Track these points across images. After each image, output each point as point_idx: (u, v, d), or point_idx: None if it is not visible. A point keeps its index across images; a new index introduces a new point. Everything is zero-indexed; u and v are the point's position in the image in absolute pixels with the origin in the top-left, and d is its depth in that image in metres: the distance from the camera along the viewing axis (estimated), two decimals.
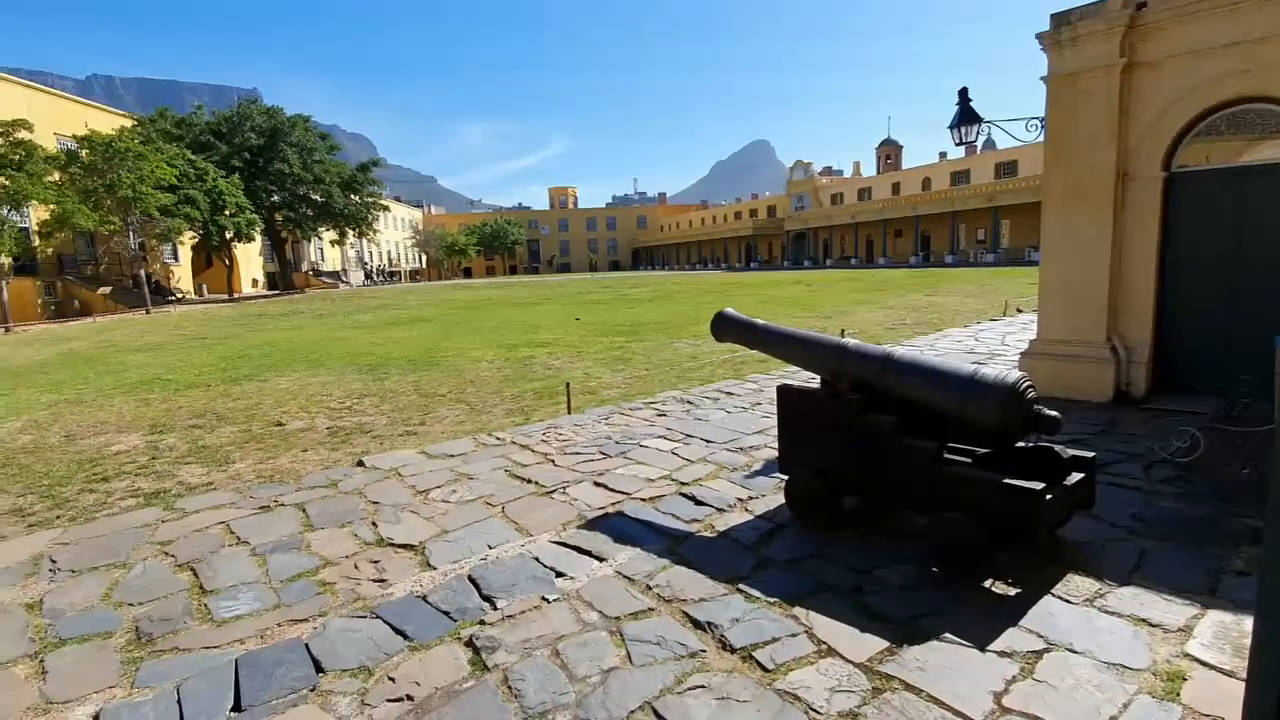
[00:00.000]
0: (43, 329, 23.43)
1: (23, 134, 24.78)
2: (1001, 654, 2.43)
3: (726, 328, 4.34)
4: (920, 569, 3.06)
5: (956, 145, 7.61)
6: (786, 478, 3.83)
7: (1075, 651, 2.42)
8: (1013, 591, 2.87)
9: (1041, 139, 6.49)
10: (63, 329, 22.79)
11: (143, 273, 30.97)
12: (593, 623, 2.74)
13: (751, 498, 4.08)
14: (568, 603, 2.91)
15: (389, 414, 6.96)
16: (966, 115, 7.16)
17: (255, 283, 49.25)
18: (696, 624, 2.70)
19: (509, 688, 2.34)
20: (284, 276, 47.74)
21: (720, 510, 3.91)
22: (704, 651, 2.52)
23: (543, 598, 2.95)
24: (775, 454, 4.70)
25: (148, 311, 28.08)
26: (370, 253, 70.96)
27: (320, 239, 54.72)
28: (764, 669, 2.40)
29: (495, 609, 2.88)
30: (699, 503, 4.03)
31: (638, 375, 8.64)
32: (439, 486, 4.48)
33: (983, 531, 2.86)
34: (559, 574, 3.17)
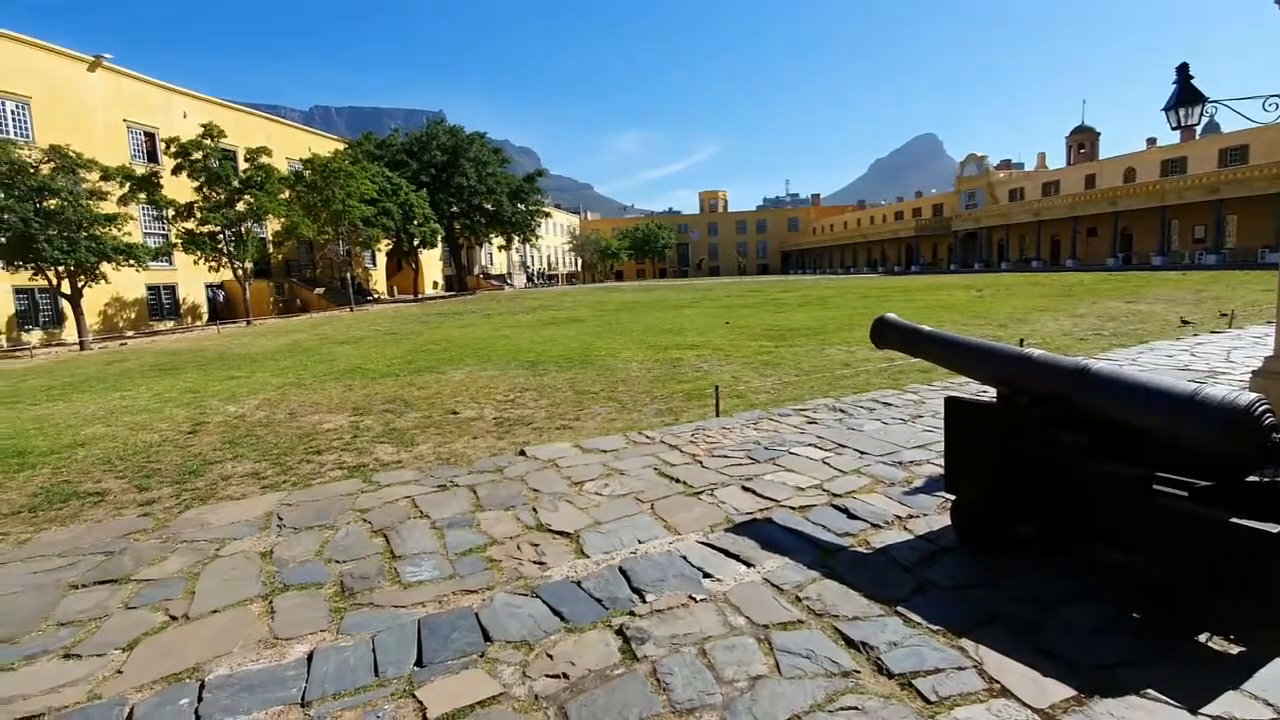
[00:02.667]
0: (274, 323, 27.83)
1: (264, 159, 29.56)
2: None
3: (887, 334, 4.11)
4: (1112, 611, 2.69)
5: (1174, 129, 6.57)
6: (953, 497, 3.55)
7: None
8: (1234, 649, 2.43)
9: None
10: (288, 323, 26.91)
11: (348, 276, 35.68)
12: (740, 627, 2.73)
13: (911, 515, 3.82)
14: (715, 604, 2.92)
15: (547, 408, 7.41)
16: (1187, 94, 6.15)
17: (435, 284, 54.74)
18: (850, 642, 2.59)
19: (657, 680, 2.41)
20: (459, 279, 52.62)
21: (876, 526, 3.71)
22: (858, 672, 2.42)
23: (690, 596, 2.99)
24: (939, 471, 4.39)
25: (351, 309, 32.33)
26: (532, 257, 76.02)
27: (490, 244, 59.56)
28: (925, 700, 2.25)
29: (644, 602, 2.96)
30: (852, 516, 3.86)
31: (787, 381, 8.44)
32: (592, 479, 4.70)
33: (1197, 577, 2.46)
34: (706, 575, 3.20)
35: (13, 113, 26.02)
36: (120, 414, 8.32)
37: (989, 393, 3.52)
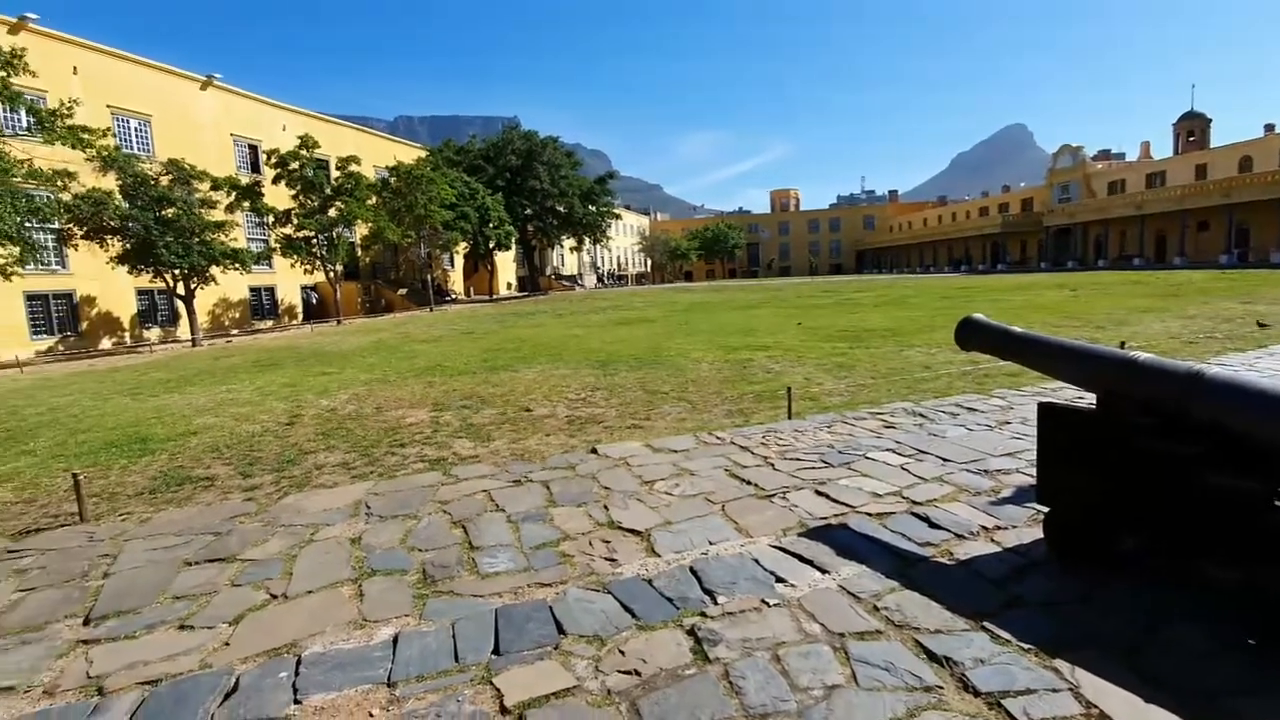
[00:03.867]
0: (361, 322, 29.37)
1: (354, 167, 31.26)
2: None
3: (973, 335, 3.91)
4: (1224, 634, 2.47)
5: None
6: (1046, 510, 3.34)
7: None
8: None
9: None
10: (373, 322, 28.33)
11: (428, 277, 37.24)
12: (815, 634, 2.67)
13: (999, 527, 3.63)
14: (788, 610, 2.87)
15: (618, 407, 7.48)
16: None
17: (509, 285, 56.33)
18: (932, 656, 2.49)
19: (730, 683, 2.39)
20: (532, 280, 53.93)
21: (959, 536, 3.54)
22: (940, 688, 2.32)
23: (763, 600, 2.95)
24: (1029, 481, 4.16)
25: (431, 309, 33.71)
26: (602, 257, 76.99)
27: (562, 246, 60.72)
28: None
29: (716, 603, 2.95)
30: (934, 525, 3.70)
31: (862, 383, 8.19)
32: (663, 479, 4.71)
33: None
34: (779, 579, 3.15)
35: (136, 130, 28.62)
36: (227, 406, 9.00)
37: (1086, 398, 3.29)
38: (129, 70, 28.58)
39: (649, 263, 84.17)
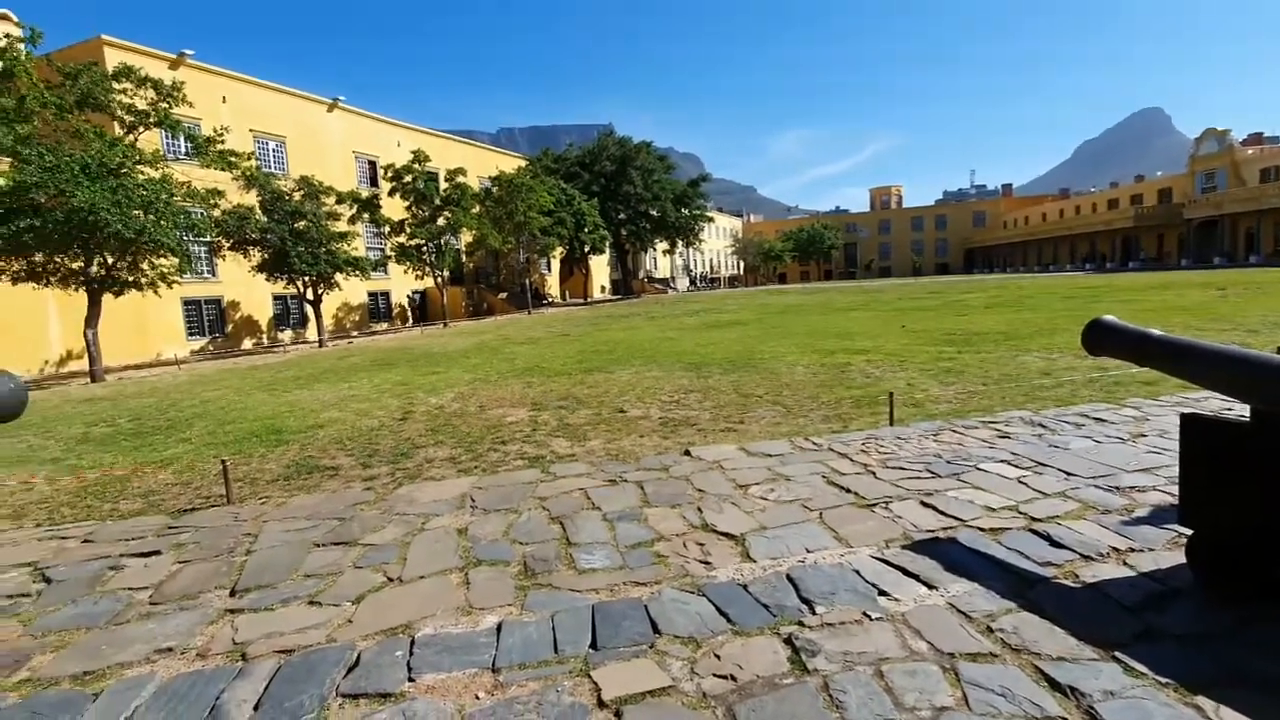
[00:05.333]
0: (465, 325, 30.92)
1: (460, 179, 33.01)
2: None
3: (1104, 339, 3.58)
4: None
5: None
6: (1189, 532, 3.01)
7: None
8: None
9: None
10: (476, 325, 29.76)
11: (527, 281, 38.67)
12: (921, 653, 2.55)
13: (1132, 549, 3.31)
14: (892, 625, 2.76)
15: (711, 410, 7.45)
16: None
17: (603, 289, 57.45)
18: (1054, 685, 2.31)
19: (829, 696, 2.32)
20: (625, 283, 54.72)
21: (1086, 558, 3.26)
22: (1065, 719, 2.15)
23: (864, 613, 2.85)
24: (1168, 499, 3.78)
25: (529, 312, 34.98)
26: (694, 260, 76.92)
27: (654, 249, 61.22)
28: None
29: (814, 613, 2.87)
30: (1056, 544, 3.42)
31: (973, 390, 7.71)
32: (757, 483, 4.65)
33: None
34: (881, 592, 3.02)
35: (273, 150, 31.63)
36: (348, 401, 9.76)
37: (1236, 409, 2.93)
38: (268, 97, 31.65)
39: (741, 265, 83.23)
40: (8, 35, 16.53)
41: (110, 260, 17.27)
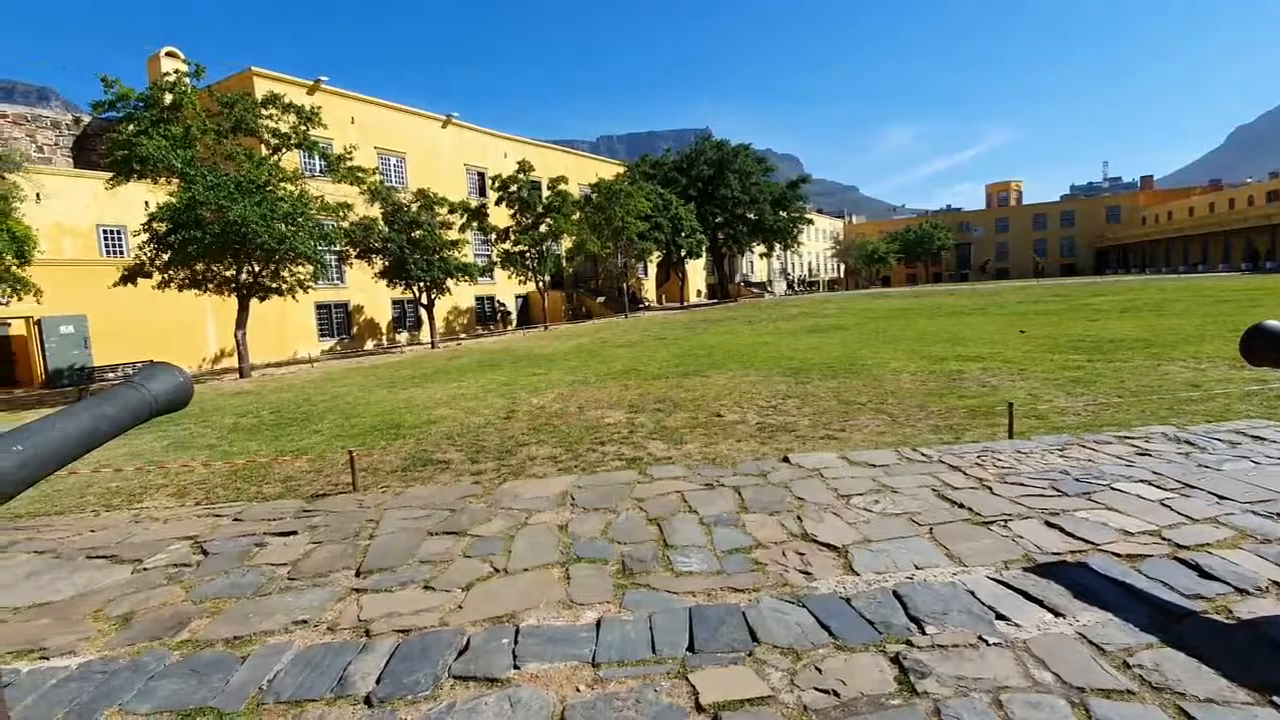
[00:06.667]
0: (565, 328, 31.86)
1: (562, 186, 34.12)
2: None
3: (1268, 346, 3.17)
4: None
5: None
6: None
7: None
8: None
9: None
10: (575, 328, 30.57)
11: (624, 285, 39.31)
12: (1046, 684, 2.36)
13: None
14: (1011, 651, 2.57)
15: (810, 416, 7.26)
16: None
17: (699, 292, 57.33)
18: None
19: None
20: (721, 287, 54.36)
21: (1241, 591, 2.90)
22: None
23: (980, 637, 2.67)
24: None
25: (625, 316, 35.53)
26: (792, 263, 75.15)
27: (751, 252, 60.39)
28: None
29: (924, 633, 2.73)
30: (1206, 575, 3.07)
31: (1105, 402, 7.04)
32: (860, 494, 4.48)
33: None
34: (1000, 616, 2.83)
35: (394, 166, 34.04)
36: (458, 399, 10.32)
37: None
38: (390, 116, 34.14)
39: (842, 268, 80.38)
40: (176, 70, 18.84)
41: (256, 268, 19.23)
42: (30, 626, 3.35)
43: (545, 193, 35.33)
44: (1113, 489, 4.27)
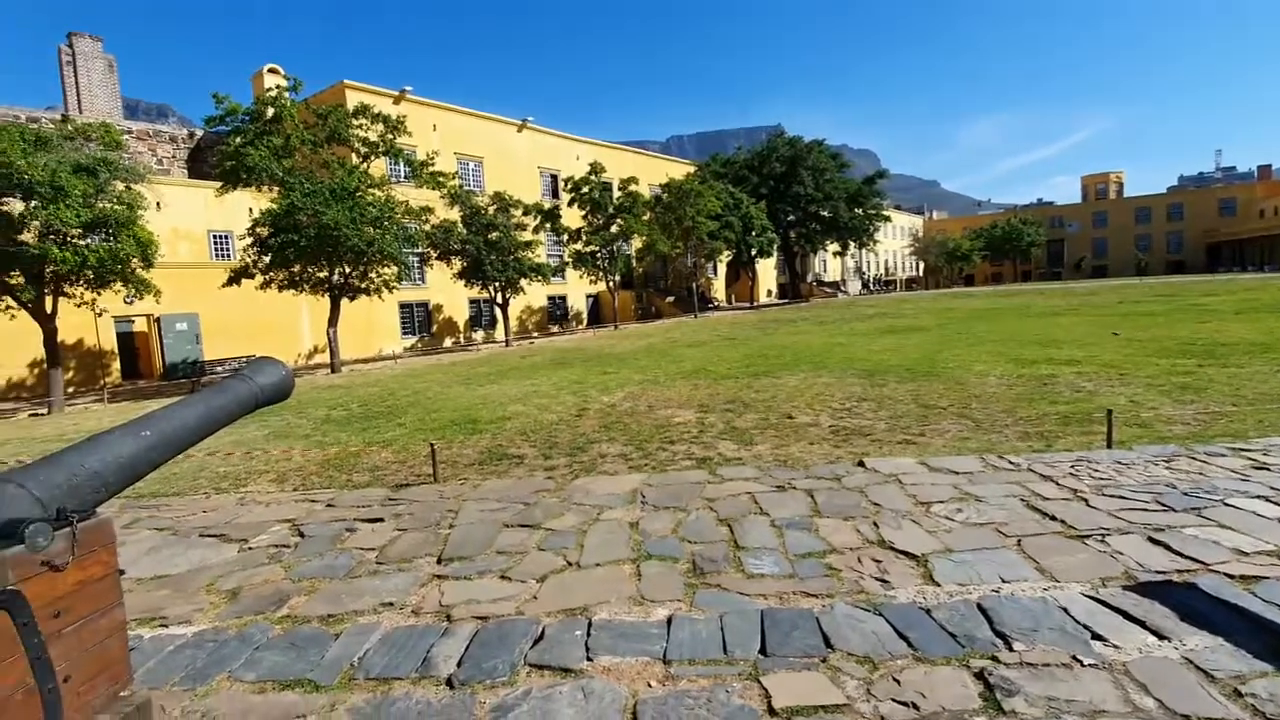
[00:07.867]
0: (634, 327, 32.11)
1: (632, 187, 34.36)
2: None
3: None
4: None
5: None
6: None
7: None
8: None
9: None
10: (645, 327, 30.75)
11: (694, 285, 39.19)
12: (1147, 710, 2.21)
13: None
14: (1109, 674, 2.42)
15: (886, 420, 7.03)
16: None
17: (769, 292, 56.42)
18: None
19: None
20: (793, 287, 53.29)
21: None
22: None
23: (1074, 657, 2.53)
24: None
25: (695, 316, 35.43)
26: (867, 262, 72.76)
27: (824, 251, 58.91)
28: None
29: (1011, 650, 2.61)
30: None
31: (1218, 411, 6.47)
32: (941, 501, 4.31)
33: None
34: (1096, 635, 2.66)
35: (473, 170, 35.26)
36: (531, 397, 10.60)
37: None
38: (469, 122, 35.39)
39: (921, 266, 77.14)
40: (278, 86, 20.22)
41: (347, 269, 20.39)
42: (152, 596, 3.69)
43: (616, 193, 35.63)
44: (1225, 504, 3.93)
